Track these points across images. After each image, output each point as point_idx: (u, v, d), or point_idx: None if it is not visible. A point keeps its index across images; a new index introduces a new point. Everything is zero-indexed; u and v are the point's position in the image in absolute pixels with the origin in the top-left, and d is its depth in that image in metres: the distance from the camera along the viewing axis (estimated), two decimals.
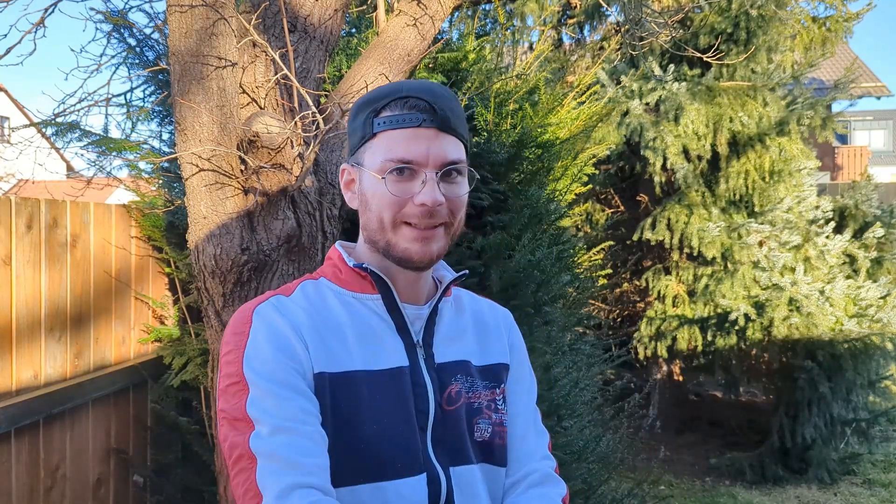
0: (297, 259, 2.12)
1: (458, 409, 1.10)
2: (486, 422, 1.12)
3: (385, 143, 1.03)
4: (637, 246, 5.54)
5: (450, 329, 1.15)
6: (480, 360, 1.15)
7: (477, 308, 1.22)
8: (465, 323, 1.18)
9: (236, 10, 1.97)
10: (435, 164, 1.02)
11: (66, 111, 2.34)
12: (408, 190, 1.02)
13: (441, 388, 1.09)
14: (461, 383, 1.11)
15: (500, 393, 1.15)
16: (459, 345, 1.14)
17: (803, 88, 5.31)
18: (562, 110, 3.43)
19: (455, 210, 1.06)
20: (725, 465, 4.97)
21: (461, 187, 1.07)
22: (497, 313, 1.25)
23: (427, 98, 1.03)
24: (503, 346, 1.20)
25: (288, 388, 0.99)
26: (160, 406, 2.96)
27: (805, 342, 4.83)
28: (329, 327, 1.06)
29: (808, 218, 5.25)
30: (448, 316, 1.15)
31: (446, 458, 1.07)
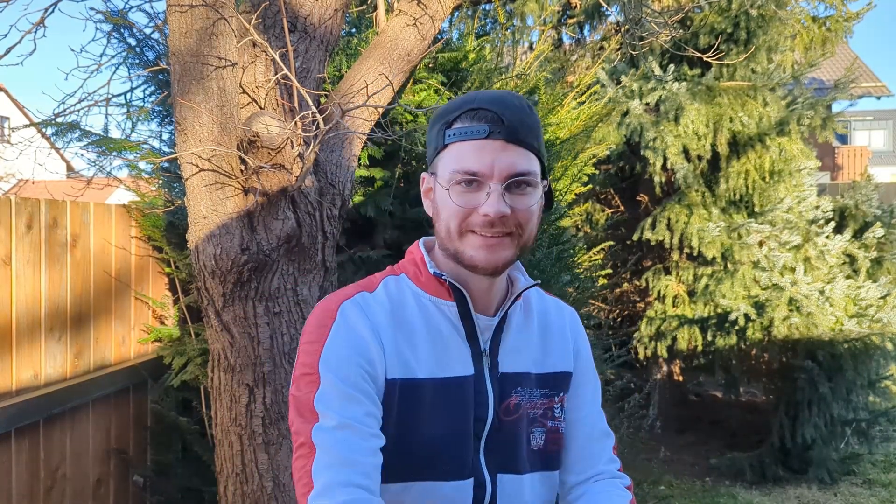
0: (297, 259, 2.12)
1: (515, 419, 1.13)
2: (541, 430, 1.15)
3: (454, 154, 1.06)
4: (637, 246, 5.54)
5: (516, 339, 1.16)
6: (541, 369, 1.17)
7: (543, 310, 1.21)
8: (532, 330, 1.18)
9: (236, 10, 1.96)
10: (500, 176, 1.03)
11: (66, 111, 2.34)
12: (473, 201, 1.04)
13: (501, 398, 1.13)
14: (520, 395, 1.14)
15: (557, 402, 1.17)
16: (523, 355, 1.16)
17: (803, 88, 5.31)
18: (562, 110, 3.43)
19: (523, 221, 1.06)
20: (725, 465, 4.97)
21: (529, 199, 1.06)
22: (563, 315, 1.24)
23: (496, 109, 1.04)
24: (567, 353, 1.20)
25: (356, 390, 1.04)
26: (160, 406, 2.96)
27: (805, 342, 4.83)
28: (404, 331, 1.10)
29: (808, 218, 5.25)
30: (516, 324, 1.16)
31: (496, 466, 1.12)
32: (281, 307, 2.11)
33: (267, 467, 2.15)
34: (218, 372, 2.15)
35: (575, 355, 1.22)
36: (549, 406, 1.16)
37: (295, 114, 2.05)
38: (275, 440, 2.14)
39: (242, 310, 2.07)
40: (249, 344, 2.09)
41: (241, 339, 2.09)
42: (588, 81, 3.85)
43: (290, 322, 2.14)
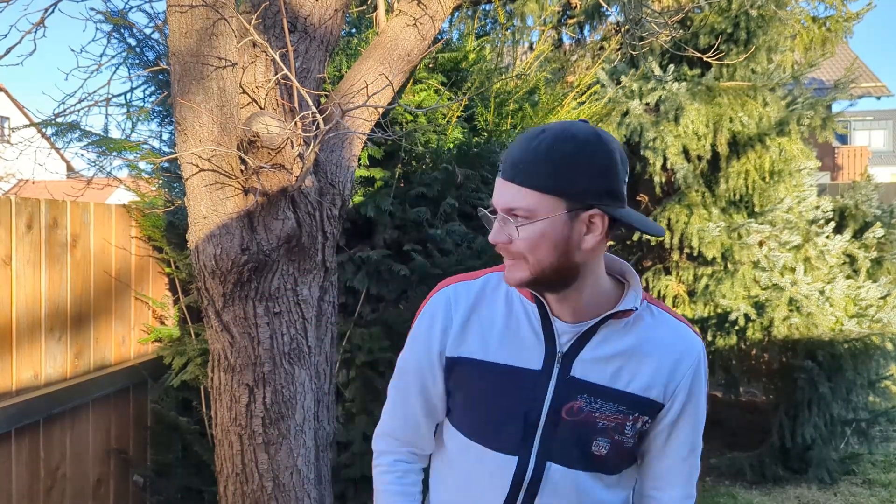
0: (297, 259, 2.12)
1: (577, 421, 1.24)
2: (606, 441, 1.25)
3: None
4: (637, 246, 5.54)
5: (602, 351, 1.24)
6: (623, 386, 1.24)
7: (650, 335, 1.26)
8: (623, 348, 1.25)
9: (236, 10, 1.96)
10: (499, 209, 1.18)
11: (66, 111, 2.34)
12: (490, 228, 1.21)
13: (564, 399, 1.24)
14: (586, 402, 1.24)
15: (631, 421, 1.25)
16: (604, 368, 1.24)
17: (803, 88, 5.31)
18: (562, 110, 3.43)
19: (525, 249, 1.17)
20: (725, 465, 4.96)
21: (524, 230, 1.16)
22: (680, 350, 1.26)
23: (511, 147, 1.19)
24: (663, 386, 1.25)
25: (420, 364, 1.32)
26: (160, 406, 2.96)
27: (805, 342, 4.83)
28: (483, 319, 1.28)
29: (808, 218, 5.25)
30: (608, 339, 1.24)
31: (548, 454, 1.25)
32: (281, 307, 2.11)
33: (267, 467, 2.15)
34: (218, 372, 2.15)
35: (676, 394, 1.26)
36: (622, 422, 1.24)
37: (295, 114, 2.05)
38: (275, 440, 2.14)
39: (242, 310, 2.07)
40: (249, 344, 2.09)
41: (241, 339, 2.09)
42: (588, 81, 3.85)
43: (290, 322, 2.14)
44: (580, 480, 1.26)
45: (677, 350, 1.26)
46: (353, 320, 2.84)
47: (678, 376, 1.25)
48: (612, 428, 1.24)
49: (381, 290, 2.88)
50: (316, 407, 2.29)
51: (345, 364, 2.83)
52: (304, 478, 2.21)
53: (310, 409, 2.24)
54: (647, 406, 1.24)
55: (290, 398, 2.15)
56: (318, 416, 2.31)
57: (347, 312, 2.86)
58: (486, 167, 3.06)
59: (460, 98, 2.84)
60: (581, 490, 1.26)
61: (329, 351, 2.36)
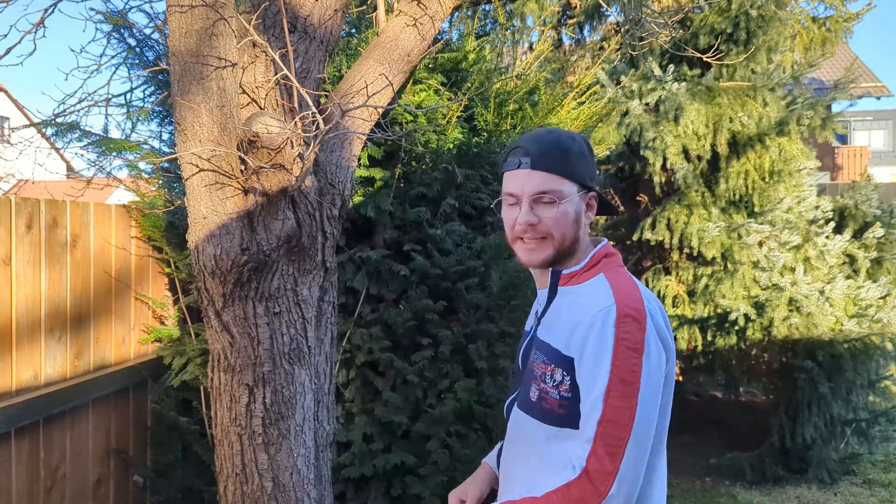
0: (297, 259, 2.12)
1: (529, 370, 1.49)
2: (536, 388, 1.44)
3: (504, 181, 1.48)
4: (637, 246, 5.54)
5: (550, 314, 1.50)
6: (547, 339, 1.46)
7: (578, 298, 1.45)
8: (558, 308, 1.48)
9: (236, 10, 1.96)
10: (528, 195, 1.42)
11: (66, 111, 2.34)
12: (514, 214, 1.45)
13: (531, 352, 1.51)
14: (535, 355, 1.48)
15: (551, 371, 1.41)
16: (548, 325, 1.48)
17: (803, 88, 5.31)
18: (562, 110, 3.43)
19: (551, 227, 1.42)
20: (725, 465, 4.97)
21: (554, 209, 1.42)
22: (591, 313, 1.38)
23: (525, 145, 1.44)
24: (572, 341, 1.39)
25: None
26: (160, 406, 2.96)
27: (805, 342, 4.83)
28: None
29: (808, 218, 5.25)
30: (558, 302, 1.49)
31: (518, 398, 1.53)
32: (281, 307, 2.11)
33: (267, 467, 2.15)
34: (218, 372, 2.15)
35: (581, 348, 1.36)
36: (545, 371, 1.43)
37: (295, 114, 2.05)
38: (275, 440, 2.14)
39: (242, 310, 2.07)
40: (249, 344, 2.09)
41: (241, 339, 2.09)
42: (588, 81, 3.85)
43: (289, 322, 2.14)
44: (523, 421, 1.48)
45: (587, 308, 1.39)
46: (353, 320, 2.84)
47: (580, 331, 1.37)
48: (539, 376, 1.44)
49: (381, 290, 2.88)
50: (316, 407, 2.29)
51: (345, 364, 2.83)
52: (303, 478, 2.21)
53: (310, 409, 2.24)
54: (559, 358, 1.40)
55: (290, 398, 2.15)
56: (318, 416, 2.31)
57: (347, 312, 2.86)
58: (486, 167, 3.06)
59: (460, 98, 2.85)
60: (523, 429, 1.48)
61: (329, 351, 2.36)
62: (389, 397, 2.82)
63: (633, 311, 1.35)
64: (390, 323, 2.84)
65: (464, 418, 2.82)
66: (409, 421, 2.80)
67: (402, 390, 2.85)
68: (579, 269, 1.47)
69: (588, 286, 1.45)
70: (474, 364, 2.83)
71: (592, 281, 1.45)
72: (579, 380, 1.36)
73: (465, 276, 2.87)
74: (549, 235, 1.42)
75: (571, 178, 1.43)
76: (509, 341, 2.90)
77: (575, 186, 1.43)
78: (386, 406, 2.81)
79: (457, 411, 2.78)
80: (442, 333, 2.80)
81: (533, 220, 1.41)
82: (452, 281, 2.86)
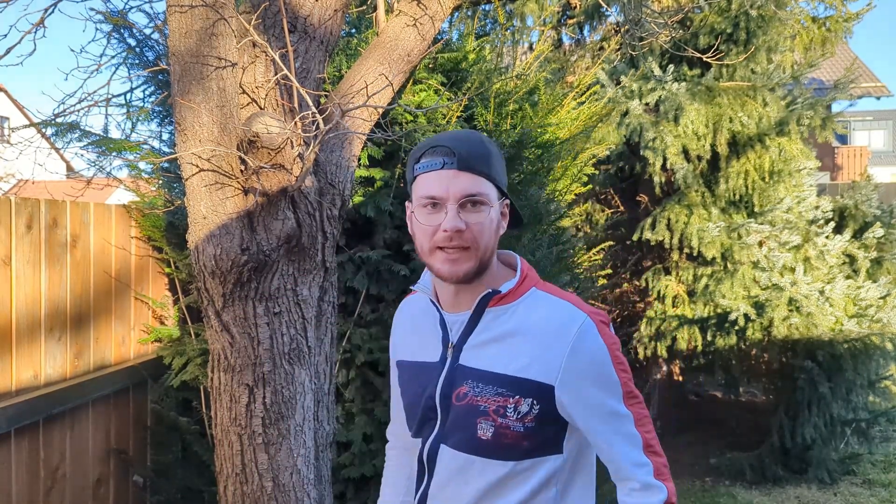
0: (297, 259, 2.12)
1: (464, 405, 1.32)
2: (490, 424, 1.29)
3: (420, 184, 1.30)
4: (637, 246, 5.54)
5: (482, 337, 1.33)
6: (502, 369, 1.29)
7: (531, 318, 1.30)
8: (503, 332, 1.31)
9: (236, 10, 1.96)
10: (455, 198, 1.26)
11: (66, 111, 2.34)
12: (436, 220, 1.27)
13: (454, 385, 1.34)
14: (470, 387, 1.31)
15: (514, 402, 1.27)
16: (486, 353, 1.32)
17: (803, 88, 5.31)
18: (562, 110, 3.43)
19: (477, 235, 1.26)
20: (725, 465, 4.97)
21: (481, 215, 1.27)
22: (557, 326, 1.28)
23: (449, 145, 1.28)
24: (543, 364, 1.26)
25: (393, 369, 1.54)
26: (160, 406, 2.96)
27: (805, 342, 4.83)
28: (415, 324, 1.46)
29: (808, 218, 5.25)
30: (490, 324, 1.33)
31: (443, 438, 1.36)
32: (281, 307, 2.11)
33: (267, 467, 2.15)
34: (218, 372, 2.15)
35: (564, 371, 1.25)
36: (503, 405, 1.28)
37: (295, 114, 2.05)
38: (275, 440, 2.14)
39: (242, 310, 2.07)
40: (249, 344, 2.09)
41: (241, 339, 2.09)
42: (588, 82, 3.85)
43: (289, 322, 2.14)
44: (469, 463, 1.32)
45: (554, 326, 1.28)
46: (353, 320, 2.84)
47: (556, 352, 1.26)
48: (494, 411, 1.28)
49: (381, 290, 2.88)
50: (316, 407, 2.29)
51: (345, 364, 2.83)
52: (303, 478, 2.21)
53: (310, 409, 2.24)
54: (528, 387, 1.27)
55: (290, 398, 2.15)
56: (317, 416, 2.31)
57: (347, 312, 2.86)
58: None
59: (460, 98, 2.84)
60: (469, 473, 1.32)
61: (329, 351, 2.36)
62: (389, 397, 2.82)
63: (602, 316, 1.30)
64: (390, 323, 2.84)
65: None
66: None
67: None
68: (514, 285, 1.32)
69: (530, 303, 1.31)
70: None
71: (531, 297, 1.32)
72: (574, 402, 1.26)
73: None
74: (473, 244, 1.26)
75: (494, 181, 1.29)
76: None
77: (496, 191, 1.30)
78: (386, 406, 2.81)
79: None
80: None
81: (461, 226, 1.24)
82: None
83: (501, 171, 1.32)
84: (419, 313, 1.44)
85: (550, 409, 1.27)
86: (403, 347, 1.48)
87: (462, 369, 1.33)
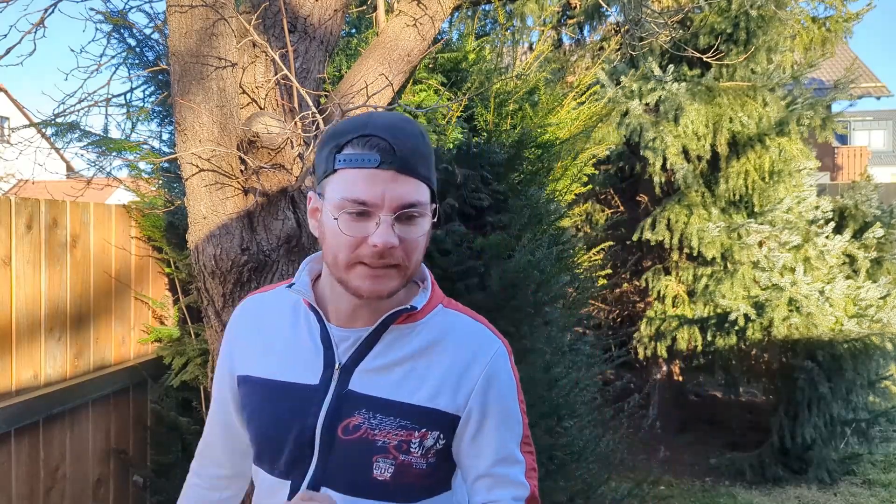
0: (296, 259, 2.12)
1: (354, 440, 1.09)
2: (389, 462, 1.08)
3: (344, 181, 1.02)
4: (637, 246, 5.54)
5: (383, 360, 1.11)
6: (406, 397, 1.09)
7: (441, 341, 1.12)
8: (408, 354, 1.11)
9: (236, 10, 1.97)
10: (391, 207, 1.01)
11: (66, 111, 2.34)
12: (362, 230, 1.02)
13: (341, 415, 1.09)
14: (364, 417, 1.09)
15: (419, 437, 1.09)
16: (387, 378, 1.10)
17: (803, 89, 5.31)
18: (562, 110, 3.43)
19: (410, 252, 1.04)
20: (725, 465, 4.97)
21: (418, 229, 1.04)
22: (471, 353, 1.12)
23: (388, 138, 1.01)
24: (452, 394, 1.10)
25: (222, 383, 1.25)
26: (160, 406, 2.96)
27: (805, 342, 4.83)
28: (266, 334, 1.18)
29: (808, 218, 5.26)
30: (392, 345, 1.11)
31: (326, 480, 1.10)
32: None
33: None
34: None
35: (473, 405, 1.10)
36: (406, 439, 1.08)
37: (295, 114, 2.05)
38: None
39: None
40: None
41: None
42: (588, 82, 3.85)
43: None
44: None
45: (468, 353, 1.11)
46: None
47: (469, 382, 1.10)
48: (395, 446, 1.08)
49: None
50: None
51: None
52: None
53: None
54: (435, 418, 1.09)
55: None
56: None
57: None
58: (486, 167, 3.05)
59: (460, 98, 2.85)
60: None
61: None
62: None
63: (507, 344, 1.17)
64: None
65: None
66: None
67: None
68: (427, 301, 1.13)
69: (439, 322, 1.14)
70: None
71: (439, 315, 1.14)
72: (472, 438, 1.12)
73: (465, 276, 2.87)
74: (404, 262, 1.04)
75: (431, 186, 1.07)
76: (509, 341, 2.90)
77: (429, 197, 1.07)
78: None
79: None
80: None
81: (394, 243, 1.01)
82: (452, 281, 2.86)
83: (433, 169, 1.10)
84: (278, 319, 1.18)
85: (454, 442, 1.13)
86: (251, 360, 1.18)
87: (353, 397, 1.09)
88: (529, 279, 2.79)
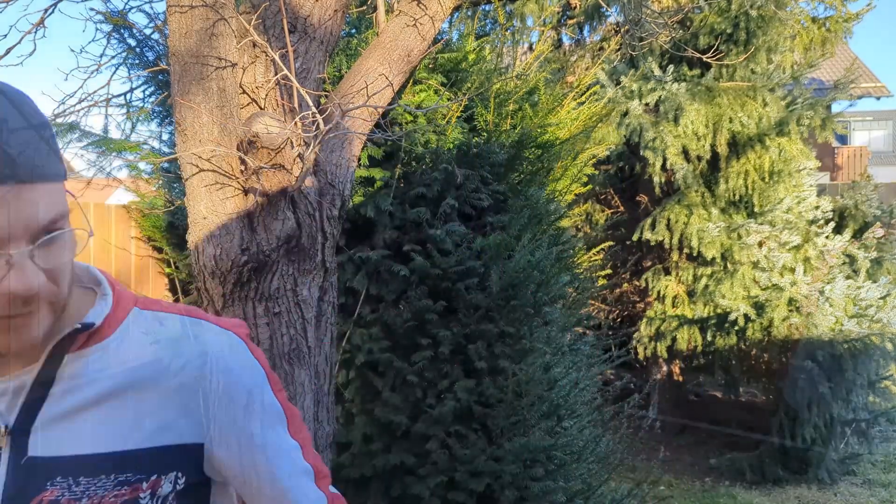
0: (296, 259, 2.12)
1: None
2: None
3: None
4: (637, 246, 5.55)
5: (68, 403, 0.80)
6: (120, 444, 0.81)
7: (147, 357, 0.84)
8: (107, 389, 0.82)
9: (236, 10, 1.97)
10: (25, 237, 0.71)
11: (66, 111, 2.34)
12: None
13: (27, 494, 0.79)
14: (63, 488, 0.79)
15: (150, 487, 0.82)
16: (84, 425, 0.81)
17: (803, 89, 5.32)
18: (562, 111, 3.44)
19: (59, 280, 0.75)
20: (725, 465, 4.97)
21: (66, 247, 0.75)
22: (205, 360, 0.86)
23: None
24: (189, 417, 0.85)
25: None
26: None
27: (805, 342, 4.84)
28: None
29: (808, 218, 5.26)
30: (78, 382, 0.81)
31: None
32: (280, 308, 2.11)
33: None
34: None
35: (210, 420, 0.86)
36: (133, 497, 0.81)
37: (295, 114, 2.05)
38: None
39: (242, 310, 2.07)
40: None
41: None
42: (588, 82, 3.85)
43: (289, 322, 2.14)
44: None
45: (188, 359, 0.85)
46: (352, 320, 2.84)
47: (199, 395, 0.85)
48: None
49: (381, 290, 2.88)
50: (316, 407, 2.29)
51: (345, 364, 2.83)
52: None
53: (309, 410, 2.24)
54: (169, 456, 0.83)
55: (290, 399, 2.16)
56: (317, 417, 2.31)
57: (347, 313, 2.87)
58: (486, 167, 3.06)
59: (460, 98, 2.85)
60: None
61: (329, 351, 2.36)
62: (389, 397, 2.82)
63: (243, 326, 0.94)
64: (390, 323, 2.84)
65: (463, 418, 2.83)
66: (408, 421, 2.80)
67: (401, 390, 2.85)
68: (111, 310, 0.84)
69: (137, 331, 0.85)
70: (474, 364, 2.83)
71: (135, 322, 0.86)
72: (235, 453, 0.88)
73: (465, 276, 2.88)
74: (52, 296, 0.75)
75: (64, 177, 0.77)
76: (509, 341, 2.90)
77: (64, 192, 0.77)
78: (385, 406, 2.82)
79: (456, 411, 2.79)
80: (441, 334, 2.80)
81: (40, 282, 0.72)
82: (452, 281, 2.86)
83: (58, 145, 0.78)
84: None
85: (198, 475, 0.87)
86: None
87: (39, 465, 0.79)
88: (529, 279, 2.79)
